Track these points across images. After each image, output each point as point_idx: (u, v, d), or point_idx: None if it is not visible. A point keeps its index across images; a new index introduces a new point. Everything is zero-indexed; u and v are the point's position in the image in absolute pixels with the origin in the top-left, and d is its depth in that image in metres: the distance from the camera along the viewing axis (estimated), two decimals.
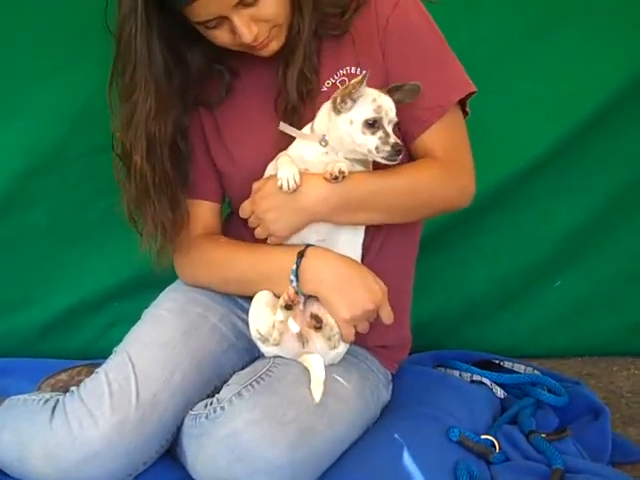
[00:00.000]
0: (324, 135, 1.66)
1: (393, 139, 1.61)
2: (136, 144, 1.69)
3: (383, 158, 1.62)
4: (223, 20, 1.62)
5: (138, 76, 1.65)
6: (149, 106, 1.67)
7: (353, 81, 1.59)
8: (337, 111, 1.63)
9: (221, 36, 1.67)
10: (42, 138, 2.27)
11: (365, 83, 1.59)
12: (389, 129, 1.62)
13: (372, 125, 1.60)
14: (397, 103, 1.65)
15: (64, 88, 2.22)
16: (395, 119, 1.64)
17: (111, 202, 1.83)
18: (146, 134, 1.68)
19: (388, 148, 1.60)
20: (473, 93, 1.78)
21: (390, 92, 1.65)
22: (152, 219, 1.76)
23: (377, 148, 1.61)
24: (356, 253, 1.76)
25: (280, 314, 1.67)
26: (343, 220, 1.71)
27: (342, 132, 1.63)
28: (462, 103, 1.80)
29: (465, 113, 1.81)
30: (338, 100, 1.62)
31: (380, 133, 1.61)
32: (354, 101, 1.61)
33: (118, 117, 1.71)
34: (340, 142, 1.65)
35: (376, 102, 1.61)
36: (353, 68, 1.76)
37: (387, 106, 1.62)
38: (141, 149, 1.69)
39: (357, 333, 1.71)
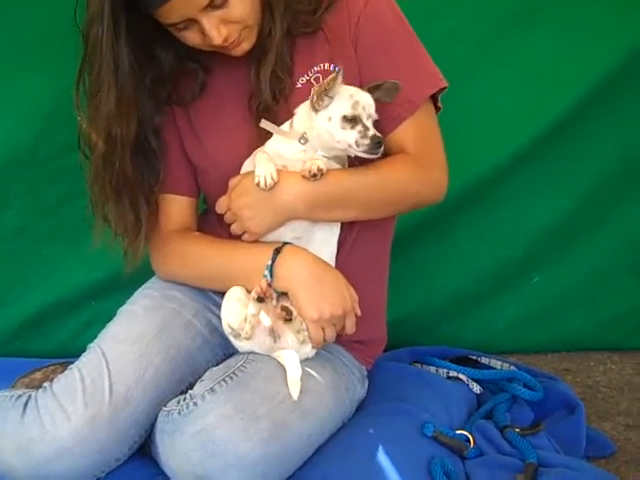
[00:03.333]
0: (304, 132, 1.66)
1: (372, 131, 1.61)
2: (96, 143, 1.69)
3: (364, 152, 1.62)
4: (192, 22, 1.62)
5: (102, 77, 1.64)
6: (110, 107, 1.66)
7: (328, 78, 1.59)
8: (315, 109, 1.64)
9: (191, 37, 1.67)
10: (15, 137, 2.26)
11: (340, 79, 1.59)
12: (369, 124, 1.62)
13: (351, 120, 1.61)
14: (376, 102, 1.65)
15: (36, 86, 2.20)
16: (375, 116, 1.64)
17: (86, 201, 1.82)
18: (105, 134, 1.68)
19: (367, 141, 1.60)
20: (444, 88, 1.79)
21: (370, 90, 1.65)
22: (114, 221, 1.77)
23: (357, 142, 1.61)
24: (332, 250, 1.77)
25: (252, 307, 1.67)
26: (320, 217, 1.72)
27: (322, 129, 1.63)
28: (434, 98, 1.80)
29: (437, 108, 1.82)
30: (315, 98, 1.62)
31: (359, 127, 1.61)
32: (331, 98, 1.62)
33: (85, 115, 1.71)
34: (320, 139, 1.65)
35: (353, 98, 1.62)
36: (326, 64, 1.76)
37: (365, 102, 1.62)
38: (100, 148, 1.69)
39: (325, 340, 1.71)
